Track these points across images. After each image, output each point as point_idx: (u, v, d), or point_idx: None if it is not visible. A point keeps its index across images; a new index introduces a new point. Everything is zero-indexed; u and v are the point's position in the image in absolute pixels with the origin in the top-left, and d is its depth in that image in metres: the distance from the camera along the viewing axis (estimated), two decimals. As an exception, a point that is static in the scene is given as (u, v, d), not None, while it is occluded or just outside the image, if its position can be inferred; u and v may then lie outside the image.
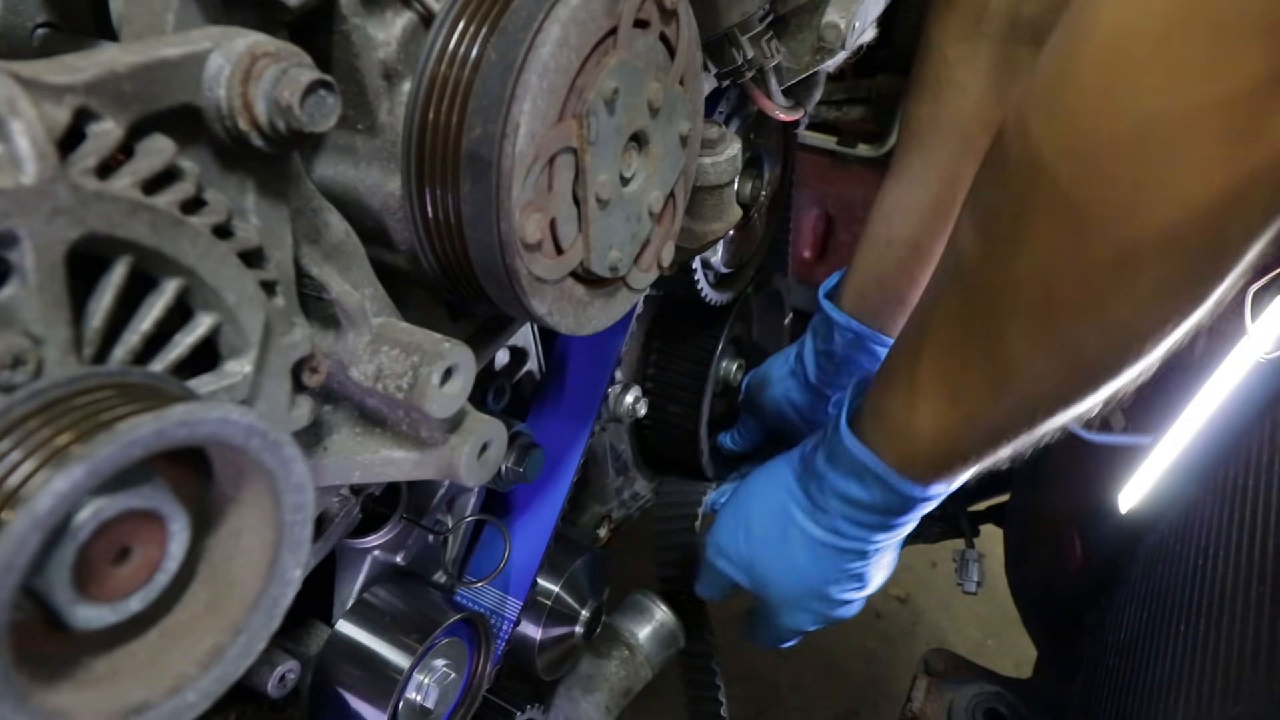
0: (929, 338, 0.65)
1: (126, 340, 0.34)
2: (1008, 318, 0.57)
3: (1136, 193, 0.47)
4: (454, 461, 0.50)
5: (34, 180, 0.29)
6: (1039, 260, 0.53)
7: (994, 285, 0.57)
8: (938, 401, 0.65)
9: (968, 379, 0.63)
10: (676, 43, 0.53)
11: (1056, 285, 0.53)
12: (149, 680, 0.31)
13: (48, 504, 0.25)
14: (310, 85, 0.38)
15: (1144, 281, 0.50)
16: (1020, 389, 0.60)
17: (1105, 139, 0.47)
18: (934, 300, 0.65)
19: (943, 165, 0.86)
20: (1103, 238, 0.49)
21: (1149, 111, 0.45)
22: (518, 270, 0.46)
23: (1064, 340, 0.56)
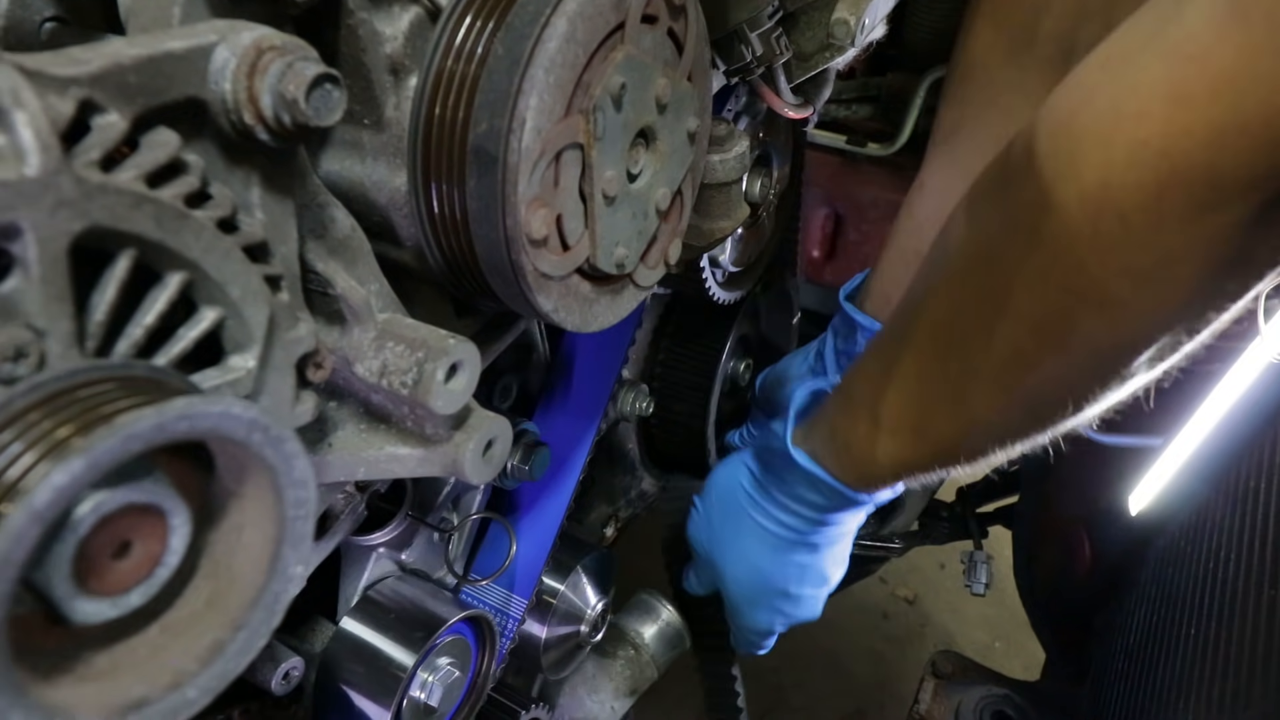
0: (897, 374, 0.66)
1: (130, 334, 0.34)
2: (979, 373, 0.58)
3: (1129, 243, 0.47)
4: (459, 458, 0.49)
5: (37, 172, 0.29)
6: (1018, 310, 0.53)
7: (970, 336, 0.57)
8: (901, 435, 0.66)
9: (934, 419, 0.64)
10: (684, 39, 0.53)
11: (1012, 335, 0.54)
12: (149, 676, 0.31)
13: (46, 497, 0.25)
14: (316, 79, 0.38)
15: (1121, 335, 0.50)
16: (988, 431, 0.61)
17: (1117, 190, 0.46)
18: (904, 335, 0.65)
19: None
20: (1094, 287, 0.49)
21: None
22: (523, 266, 0.46)
23: (1032, 390, 0.56)
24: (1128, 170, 0.44)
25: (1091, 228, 0.46)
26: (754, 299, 1.08)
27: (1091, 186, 0.46)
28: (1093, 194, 0.46)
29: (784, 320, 1.18)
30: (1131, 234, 0.45)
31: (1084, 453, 1.06)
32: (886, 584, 2.08)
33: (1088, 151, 0.46)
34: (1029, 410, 0.58)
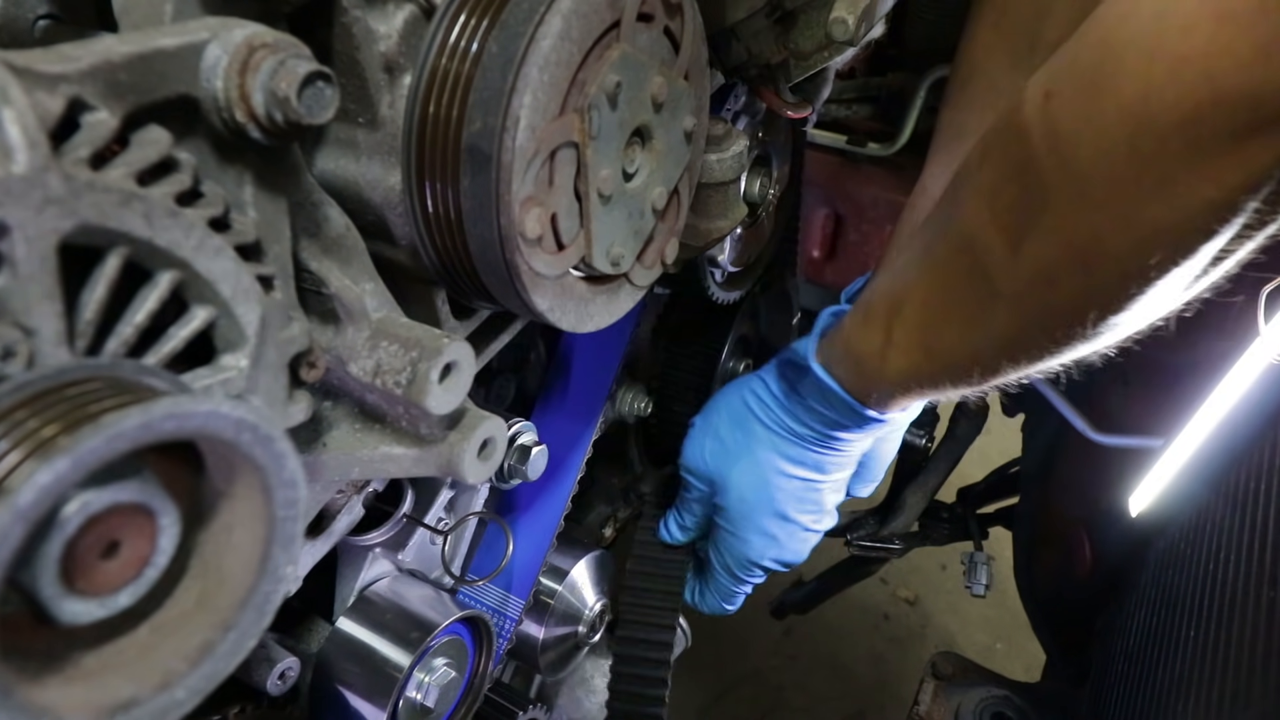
0: (912, 295, 0.66)
1: (120, 333, 0.34)
2: (1005, 300, 0.58)
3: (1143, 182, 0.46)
4: (454, 458, 0.49)
5: (25, 169, 0.29)
6: (1049, 253, 0.53)
7: (1002, 271, 0.57)
8: (911, 353, 0.68)
9: (945, 337, 0.65)
10: (681, 37, 0.52)
11: (1061, 278, 0.53)
12: (138, 676, 0.31)
13: (31, 496, 0.25)
14: (308, 76, 0.37)
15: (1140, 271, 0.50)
16: (999, 352, 0.62)
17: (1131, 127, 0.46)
18: (923, 258, 0.65)
19: None
20: (1114, 229, 0.49)
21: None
22: (518, 265, 0.46)
23: (1052, 307, 0.56)
24: (1167, 86, 0.43)
25: (1129, 146, 0.45)
26: (753, 299, 1.08)
27: (1131, 100, 0.44)
28: (1132, 109, 0.45)
29: (784, 321, 1.18)
30: (1168, 154, 0.44)
31: (1084, 454, 1.06)
32: (887, 585, 2.07)
33: (1129, 62, 0.45)
34: (1044, 328, 0.57)
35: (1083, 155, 0.48)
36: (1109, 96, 0.46)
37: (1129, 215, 0.48)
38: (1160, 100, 0.43)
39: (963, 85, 0.85)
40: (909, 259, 0.69)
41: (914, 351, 0.67)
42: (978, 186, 0.59)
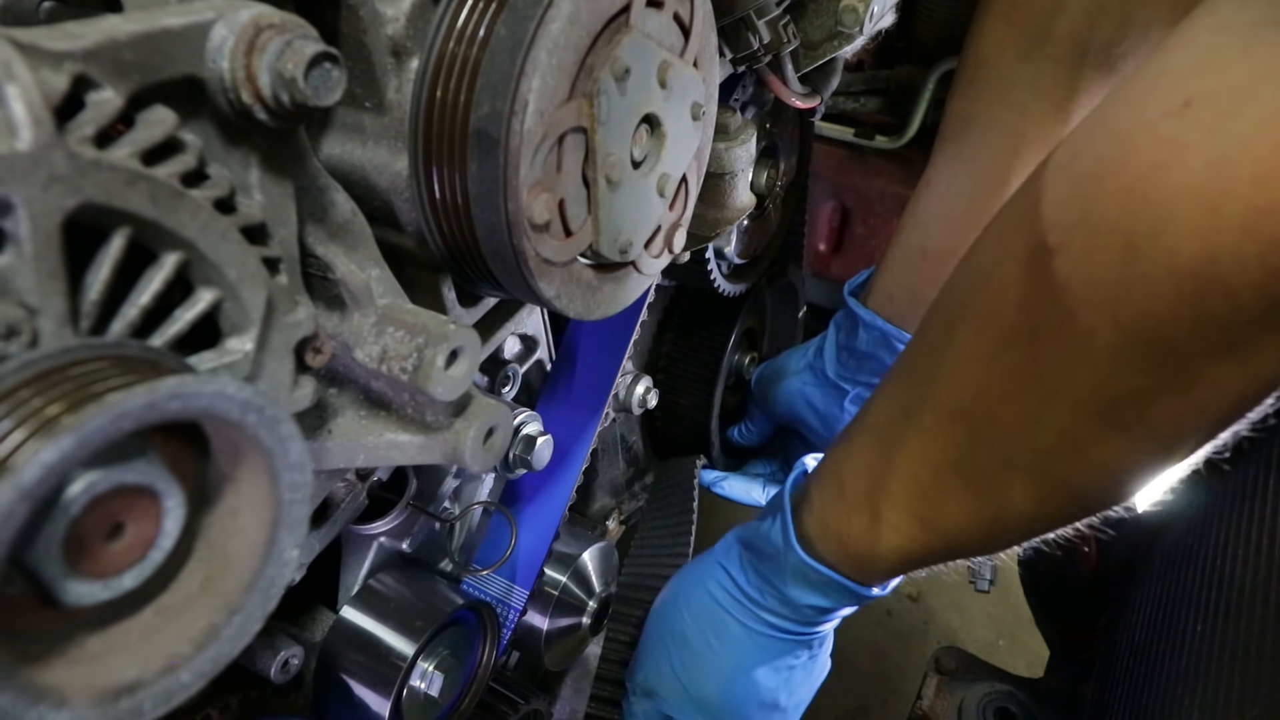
0: (897, 468, 0.58)
1: (125, 314, 0.34)
2: (1021, 471, 0.51)
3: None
4: (459, 446, 0.49)
5: (29, 146, 0.29)
6: (1079, 425, 0.47)
7: (1014, 442, 0.51)
8: (908, 529, 0.59)
9: (948, 512, 0.57)
10: (691, 24, 0.52)
11: (1095, 447, 0.47)
12: (142, 659, 0.30)
13: (35, 475, 0.25)
14: (315, 57, 0.37)
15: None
16: (1020, 525, 0.54)
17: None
18: (904, 423, 0.58)
19: (989, 179, 0.84)
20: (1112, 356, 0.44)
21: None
22: (525, 251, 0.46)
23: (1082, 477, 0.50)
24: (1244, 245, 0.37)
25: (1191, 309, 0.40)
26: (759, 292, 1.08)
27: (1192, 262, 0.39)
28: (1195, 269, 0.39)
29: (790, 314, 1.18)
30: (1242, 313, 0.39)
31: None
32: (890, 580, 2.07)
33: (1186, 221, 0.39)
34: (1074, 499, 0.51)
35: (1124, 321, 0.43)
36: (1159, 256, 0.40)
37: (1186, 379, 0.42)
38: (1234, 260, 0.38)
39: (971, 77, 0.84)
40: (884, 420, 0.61)
41: (910, 527, 0.59)
42: (969, 347, 0.53)
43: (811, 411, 0.98)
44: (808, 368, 0.99)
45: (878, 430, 0.62)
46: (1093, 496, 0.51)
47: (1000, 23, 0.79)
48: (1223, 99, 0.38)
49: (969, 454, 0.53)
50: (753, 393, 1.09)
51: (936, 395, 0.55)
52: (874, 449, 0.61)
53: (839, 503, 0.64)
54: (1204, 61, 0.40)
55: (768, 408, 1.06)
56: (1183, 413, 0.44)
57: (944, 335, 0.56)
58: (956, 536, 0.57)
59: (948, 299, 0.57)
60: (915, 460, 0.57)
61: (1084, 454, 0.48)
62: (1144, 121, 0.42)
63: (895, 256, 0.91)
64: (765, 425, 1.11)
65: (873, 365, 0.92)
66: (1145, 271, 0.41)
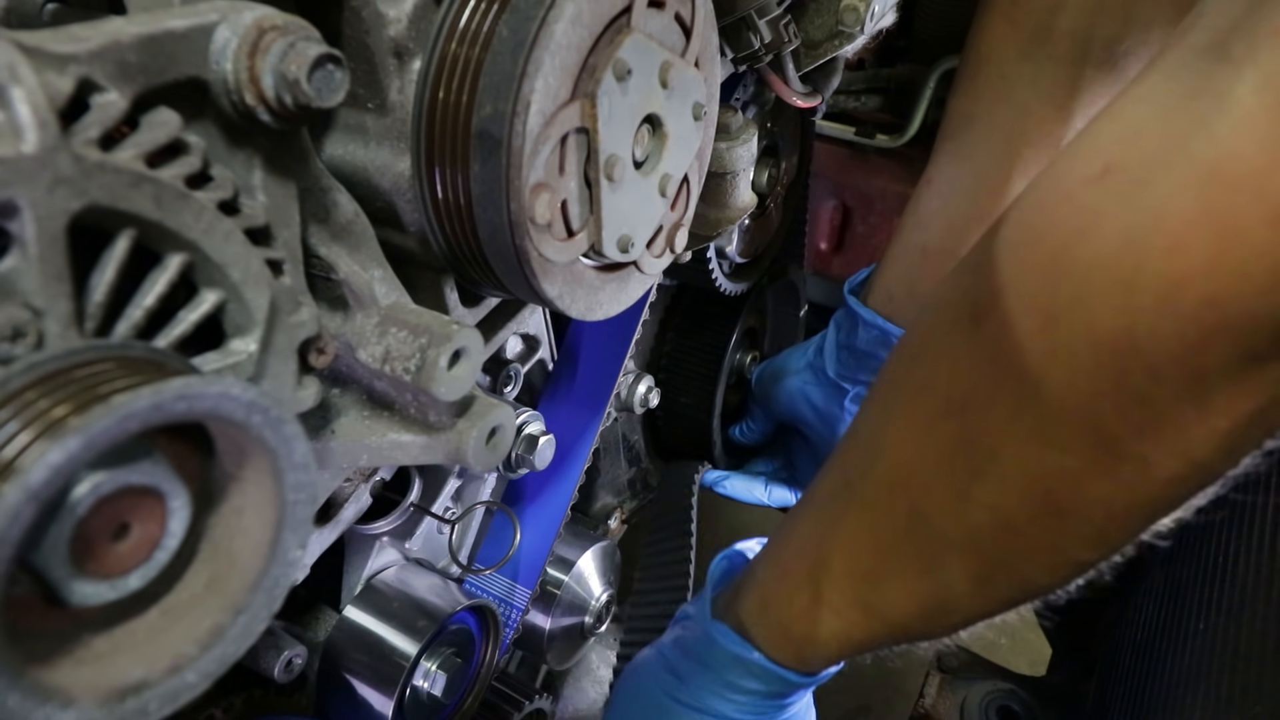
0: (838, 542, 0.56)
1: (129, 315, 0.34)
2: (956, 550, 0.49)
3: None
4: (462, 446, 0.49)
5: (35, 149, 0.29)
6: (1007, 501, 0.45)
7: (947, 518, 0.49)
8: (849, 612, 0.56)
9: (888, 594, 0.54)
10: (692, 24, 0.52)
11: (1026, 527, 0.46)
12: (148, 659, 0.31)
13: (42, 476, 0.25)
14: (318, 59, 0.37)
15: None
16: (960, 607, 0.52)
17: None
18: (846, 495, 0.56)
19: (990, 178, 0.83)
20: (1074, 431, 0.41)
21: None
22: (527, 252, 0.46)
23: (1020, 558, 0.48)
24: (1160, 318, 0.36)
25: (1112, 383, 0.38)
26: (760, 291, 1.08)
27: (1109, 334, 0.38)
28: (1113, 345, 0.38)
29: (791, 313, 1.18)
30: (1164, 389, 0.38)
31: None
32: (892, 579, 2.07)
33: (1099, 290, 0.38)
34: (1015, 580, 0.49)
35: (1046, 395, 0.41)
36: (1077, 329, 0.39)
37: (1113, 456, 0.41)
38: (1151, 332, 0.37)
39: (972, 76, 0.84)
40: (827, 494, 0.59)
41: (852, 610, 0.56)
42: (905, 419, 0.51)
43: (812, 411, 0.98)
44: (808, 367, 0.99)
45: (821, 504, 0.59)
46: (1033, 580, 0.48)
47: (1002, 21, 0.79)
48: (1137, 167, 0.37)
49: (908, 531, 0.51)
50: (753, 392, 1.09)
51: (877, 469, 0.53)
52: (816, 523, 0.59)
53: (781, 580, 0.61)
54: (1124, 129, 0.39)
55: (768, 407, 1.06)
56: (1114, 494, 0.42)
57: (884, 407, 0.55)
58: (898, 619, 0.55)
59: (891, 368, 0.56)
60: (856, 537, 0.55)
61: (1018, 534, 0.46)
62: (1064, 189, 0.41)
63: (896, 255, 0.92)
64: (766, 424, 1.11)
65: (873, 364, 0.93)
66: (1066, 343, 0.40)
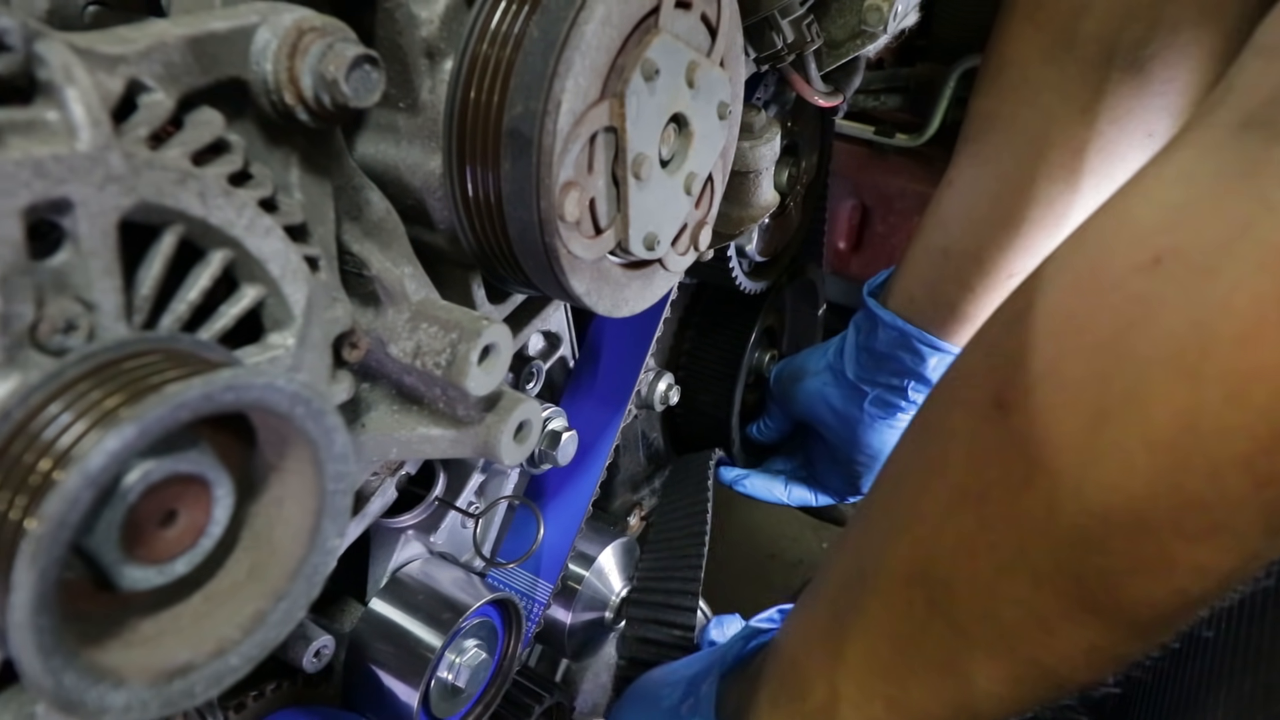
0: (853, 637, 0.52)
1: (174, 310, 0.35)
2: (982, 649, 0.46)
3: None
4: (490, 440, 0.50)
5: (88, 147, 0.30)
6: (1042, 601, 0.43)
7: (971, 617, 0.46)
8: (868, 707, 0.53)
9: (912, 692, 0.51)
10: (718, 24, 0.53)
11: (1061, 627, 0.43)
12: (193, 642, 0.31)
13: (100, 461, 0.26)
14: (355, 60, 0.38)
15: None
16: (991, 705, 0.48)
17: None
18: (860, 586, 0.52)
19: (1013, 181, 0.83)
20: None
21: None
22: (556, 249, 0.46)
23: (1052, 657, 0.44)
24: (1227, 414, 0.34)
25: (1168, 486, 0.36)
26: (779, 290, 1.08)
27: (1169, 434, 0.35)
28: (1172, 444, 0.35)
29: (809, 312, 1.18)
30: (1226, 491, 0.35)
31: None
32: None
33: (1162, 388, 0.35)
34: (1048, 680, 0.45)
35: (1088, 495, 0.38)
36: (1131, 426, 0.36)
37: (1168, 562, 0.38)
38: (1216, 429, 0.34)
39: (995, 77, 0.84)
40: (839, 584, 0.55)
41: (872, 705, 0.52)
42: (918, 505, 0.48)
43: (831, 412, 0.99)
44: (827, 368, 1.00)
45: (833, 593, 0.56)
46: (1069, 678, 0.45)
47: (1025, 23, 0.79)
48: (1197, 256, 0.35)
49: (927, 626, 0.48)
50: (771, 391, 1.10)
51: (891, 557, 0.50)
52: (830, 614, 0.56)
53: (793, 676, 0.57)
54: (1171, 216, 0.37)
55: (787, 406, 1.06)
56: (1161, 595, 0.40)
57: (896, 489, 0.52)
58: (920, 715, 0.51)
59: (901, 448, 0.53)
60: (873, 630, 0.52)
61: (1051, 633, 0.43)
62: (1111, 278, 0.38)
63: (917, 257, 0.91)
64: (784, 422, 1.11)
65: (892, 366, 0.93)
66: (1117, 442, 0.37)
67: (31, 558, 0.24)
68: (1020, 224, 0.82)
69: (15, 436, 0.28)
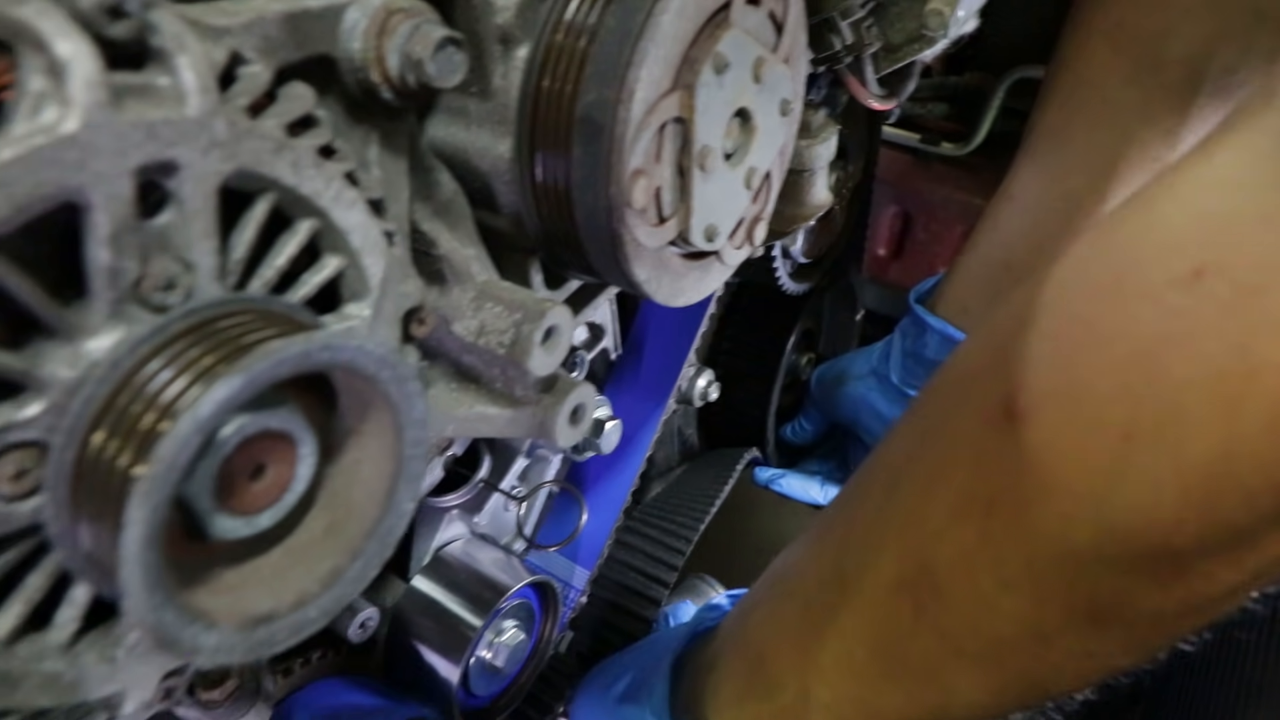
0: (829, 639, 0.51)
1: (262, 274, 0.36)
2: (970, 659, 0.45)
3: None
4: (546, 421, 0.51)
5: (196, 113, 0.31)
6: (1044, 615, 0.42)
7: (965, 626, 0.45)
8: (842, 709, 0.52)
9: (890, 699, 0.50)
10: (784, 22, 0.53)
11: (1060, 639, 0.42)
12: (275, 593, 0.33)
13: (209, 410, 0.27)
14: (441, 41, 0.39)
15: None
16: (972, 711, 0.48)
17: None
18: (837, 585, 0.51)
19: (1085, 201, 0.81)
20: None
21: None
22: (622, 235, 0.47)
23: (1045, 668, 0.44)
24: (1265, 439, 0.33)
25: (1197, 511, 0.35)
26: (820, 293, 1.09)
27: (1203, 460, 0.34)
28: (1205, 469, 0.34)
29: (847, 316, 1.18)
30: (1256, 516, 0.34)
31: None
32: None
33: (1198, 412, 0.34)
34: (1033, 690, 0.45)
35: (1107, 516, 0.37)
36: (1163, 450, 0.35)
37: (1179, 576, 0.38)
38: (1254, 458, 0.33)
39: (1066, 95, 0.82)
40: (814, 583, 0.54)
41: (844, 708, 0.51)
42: (912, 515, 0.47)
43: (874, 416, 0.99)
44: (871, 373, 1.00)
45: (807, 592, 0.55)
46: (1055, 686, 0.45)
47: (1103, 44, 0.77)
48: (1244, 273, 0.33)
49: (912, 634, 0.47)
50: (811, 393, 1.10)
51: (877, 561, 0.49)
52: (802, 613, 0.54)
53: (758, 674, 0.56)
54: (1213, 227, 0.35)
55: (827, 409, 1.06)
56: (1166, 606, 0.39)
57: (888, 491, 0.50)
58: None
59: (894, 447, 0.52)
60: (850, 635, 0.50)
61: (1049, 646, 0.42)
62: (1142, 287, 0.37)
63: (972, 268, 0.90)
64: (819, 425, 1.11)
65: None
66: (1145, 465, 0.36)
67: (144, 495, 0.26)
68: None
69: (123, 388, 0.29)
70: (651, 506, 0.89)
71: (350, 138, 0.42)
